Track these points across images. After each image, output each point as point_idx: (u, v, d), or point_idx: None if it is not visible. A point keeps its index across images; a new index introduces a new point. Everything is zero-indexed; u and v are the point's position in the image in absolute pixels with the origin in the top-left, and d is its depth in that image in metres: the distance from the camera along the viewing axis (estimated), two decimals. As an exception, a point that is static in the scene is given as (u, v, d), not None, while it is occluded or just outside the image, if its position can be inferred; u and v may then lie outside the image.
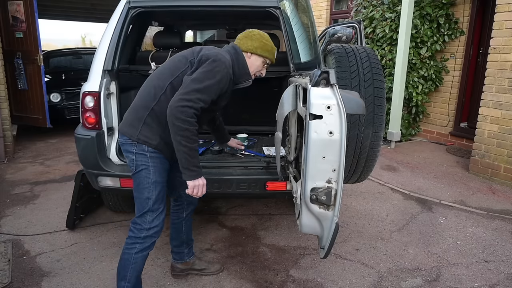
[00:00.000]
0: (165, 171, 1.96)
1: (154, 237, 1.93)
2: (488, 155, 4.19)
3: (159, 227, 1.92)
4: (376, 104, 2.32)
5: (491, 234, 2.99)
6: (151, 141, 1.86)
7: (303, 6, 2.90)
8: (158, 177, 1.90)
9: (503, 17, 3.99)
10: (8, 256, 2.59)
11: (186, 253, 2.37)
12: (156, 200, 1.90)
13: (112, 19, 2.56)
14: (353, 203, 3.58)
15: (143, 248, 1.90)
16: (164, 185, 1.95)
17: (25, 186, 3.93)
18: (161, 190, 1.93)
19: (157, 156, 1.89)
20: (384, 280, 2.40)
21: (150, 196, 1.89)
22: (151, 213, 1.89)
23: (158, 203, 1.91)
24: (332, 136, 1.25)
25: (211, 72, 1.76)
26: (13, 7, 5.32)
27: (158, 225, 1.92)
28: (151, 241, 1.92)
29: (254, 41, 1.95)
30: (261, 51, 1.95)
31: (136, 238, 1.89)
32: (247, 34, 1.99)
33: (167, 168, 1.98)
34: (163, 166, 1.94)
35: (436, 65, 5.46)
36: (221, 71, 1.78)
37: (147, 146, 1.86)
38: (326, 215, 1.35)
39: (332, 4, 7.87)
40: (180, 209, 2.28)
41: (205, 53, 1.84)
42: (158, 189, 1.90)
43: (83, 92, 2.43)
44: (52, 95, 6.06)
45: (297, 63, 2.52)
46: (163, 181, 1.94)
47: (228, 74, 1.82)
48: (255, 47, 1.94)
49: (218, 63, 1.78)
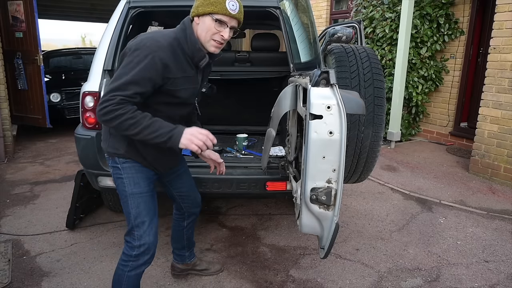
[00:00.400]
0: (145, 180, 1.75)
1: (147, 254, 1.76)
2: (488, 155, 4.19)
3: (149, 243, 1.74)
4: (376, 104, 2.32)
5: (491, 234, 2.99)
6: (118, 151, 1.69)
7: (303, 6, 2.89)
8: (134, 188, 1.71)
9: (503, 17, 3.99)
10: (8, 256, 2.58)
11: (187, 256, 2.35)
12: (137, 214, 1.72)
13: (112, 19, 2.56)
14: (353, 203, 3.58)
15: (137, 266, 1.75)
16: (146, 196, 1.74)
17: (25, 186, 3.93)
18: (142, 202, 1.72)
19: (130, 165, 1.71)
20: (384, 280, 2.40)
21: (130, 210, 1.72)
22: (137, 229, 1.72)
23: (141, 216, 1.72)
24: (332, 136, 1.25)
25: (130, 64, 1.48)
26: (13, 7, 5.32)
27: (148, 242, 1.73)
28: (144, 259, 1.75)
29: (197, 1, 1.60)
30: (203, 8, 1.55)
31: (128, 256, 1.74)
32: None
33: (150, 176, 1.77)
34: (142, 175, 1.73)
35: (436, 65, 5.46)
36: (145, 59, 1.47)
37: (118, 157, 1.71)
38: (326, 215, 1.35)
39: (332, 4, 7.87)
40: (181, 218, 2.19)
41: (130, 44, 1.56)
42: (136, 201, 1.71)
43: (83, 92, 2.43)
44: (52, 95, 6.06)
45: (297, 63, 2.52)
46: (141, 192, 1.73)
47: (158, 59, 1.49)
48: (196, 7, 1.58)
49: (140, 51, 1.49)
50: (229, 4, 1.55)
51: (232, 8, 1.56)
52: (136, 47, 1.50)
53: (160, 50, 1.50)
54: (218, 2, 1.54)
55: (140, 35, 1.58)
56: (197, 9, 1.56)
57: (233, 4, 1.56)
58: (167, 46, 1.52)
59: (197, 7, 1.57)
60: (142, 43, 1.51)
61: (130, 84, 1.45)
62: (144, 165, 1.73)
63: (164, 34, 1.58)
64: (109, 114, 1.43)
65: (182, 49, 1.58)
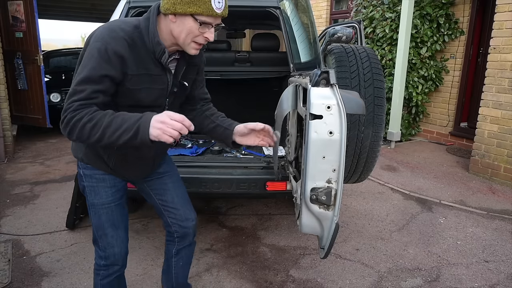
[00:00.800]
0: (108, 189, 1.55)
1: (116, 265, 1.62)
2: (488, 155, 4.19)
3: (115, 254, 1.59)
4: (376, 104, 2.32)
5: (491, 234, 2.99)
6: (77, 154, 1.53)
7: (303, 6, 2.89)
8: (94, 199, 1.56)
9: (503, 17, 3.99)
10: (8, 256, 2.58)
11: None
12: (98, 225, 1.57)
13: (112, 19, 2.56)
14: (353, 203, 3.58)
15: (108, 275, 1.62)
16: (108, 207, 1.56)
17: (25, 186, 3.93)
18: (103, 214, 1.56)
19: (90, 173, 1.53)
20: (384, 280, 2.40)
21: (92, 220, 1.59)
22: (100, 240, 1.59)
23: (102, 228, 1.56)
24: (332, 136, 1.25)
25: (84, 61, 1.28)
26: (13, 7, 5.32)
27: (115, 254, 1.59)
28: (114, 269, 1.62)
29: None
30: (182, 7, 1.27)
31: (98, 265, 1.63)
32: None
33: (115, 184, 1.57)
34: (103, 185, 1.54)
35: (436, 65, 5.46)
36: (97, 52, 1.25)
37: (79, 161, 1.54)
38: (326, 215, 1.35)
39: (332, 4, 7.87)
40: (171, 242, 1.80)
41: (91, 38, 1.32)
42: (97, 212, 1.56)
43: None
44: (52, 95, 6.06)
45: (297, 63, 2.52)
46: (103, 203, 1.55)
47: (112, 51, 1.26)
48: (172, 3, 1.27)
49: (92, 44, 1.28)
50: (214, 2, 1.29)
51: (218, 6, 1.30)
52: (89, 39, 1.31)
53: (113, 40, 1.26)
54: (202, 1, 1.27)
55: (102, 25, 1.36)
56: (174, 6, 1.27)
57: (220, 1, 1.31)
58: (123, 36, 1.28)
59: (174, 4, 1.27)
60: (96, 34, 1.30)
61: (85, 83, 1.24)
62: (108, 172, 1.53)
63: (126, 22, 1.35)
64: (68, 125, 1.24)
65: (143, 41, 1.33)
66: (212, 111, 1.70)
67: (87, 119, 1.22)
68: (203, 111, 1.70)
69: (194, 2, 1.26)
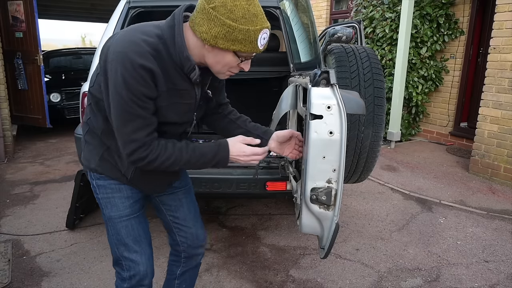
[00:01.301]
0: (126, 200, 1.41)
1: (142, 286, 1.47)
2: (488, 155, 4.19)
3: (141, 273, 1.45)
4: (376, 104, 2.32)
5: (491, 234, 2.99)
6: (90, 164, 1.39)
7: (303, 6, 2.89)
8: (111, 212, 1.41)
9: (503, 17, 3.99)
10: (8, 256, 2.58)
11: None
12: (119, 242, 1.42)
13: (112, 19, 2.56)
14: (353, 203, 3.58)
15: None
16: (127, 220, 1.42)
17: (25, 186, 3.93)
18: (123, 228, 1.41)
19: (105, 183, 1.40)
20: (384, 280, 2.40)
21: (111, 237, 1.44)
22: (123, 258, 1.44)
23: (124, 244, 1.42)
24: (332, 136, 1.25)
25: (117, 95, 1.16)
26: (13, 7, 5.32)
27: (140, 272, 1.44)
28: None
29: (212, 22, 1.11)
30: (225, 44, 1.13)
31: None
32: (202, 8, 1.12)
33: (132, 194, 1.43)
34: (120, 195, 1.41)
35: (436, 65, 5.46)
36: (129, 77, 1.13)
37: (91, 172, 1.41)
38: (326, 215, 1.34)
39: (332, 4, 7.87)
40: (176, 263, 1.70)
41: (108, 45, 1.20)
42: (116, 227, 1.42)
43: (83, 92, 2.43)
44: (52, 95, 6.06)
45: (297, 63, 2.52)
46: (121, 216, 1.41)
47: (142, 68, 1.13)
48: (213, 36, 1.12)
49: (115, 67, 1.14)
50: (260, 40, 1.15)
51: (263, 43, 1.17)
52: (107, 54, 1.17)
53: (139, 56, 1.13)
54: (249, 41, 1.13)
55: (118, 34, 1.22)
56: (215, 40, 1.13)
57: (265, 37, 1.16)
58: (148, 51, 1.15)
59: (215, 38, 1.12)
60: (115, 50, 1.15)
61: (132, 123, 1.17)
62: (123, 182, 1.39)
63: (146, 31, 1.19)
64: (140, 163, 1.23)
65: (169, 53, 1.19)
66: (236, 115, 1.59)
67: (164, 158, 1.22)
68: (225, 115, 1.58)
69: (240, 41, 1.12)
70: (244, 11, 1.10)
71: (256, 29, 1.12)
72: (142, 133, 1.19)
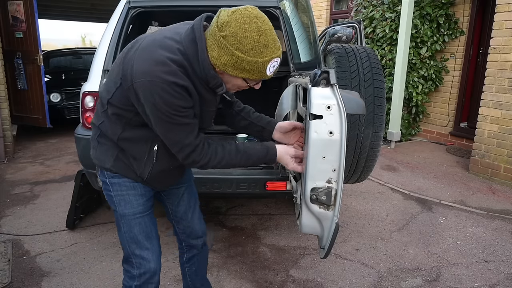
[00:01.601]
0: (139, 197, 1.46)
1: (151, 283, 1.51)
2: (488, 155, 4.19)
3: (151, 271, 1.48)
4: (376, 104, 2.32)
5: (491, 234, 2.99)
6: (104, 164, 1.42)
7: (303, 6, 2.90)
8: (125, 209, 1.44)
9: (503, 17, 3.99)
10: (8, 256, 2.58)
11: None
12: (131, 240, 1.46)
13: (112, 19, 2.56)
14: (353, 203, 3.58)
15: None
16: (141, 217, 1.47)
17: (25, 186, 3.93)
18: (136, 225, 1.46)
19: (119, 181, 1.43)
20: (384, 280, 2.40)
21: (123, 234, 1.47)
22: (134, 256, 1.47)
23: (137, 241, 1.46)
24: (332, 136, 1.25)
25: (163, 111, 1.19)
26: (13, 7, 5.32)
27: (150, 269, 1.48)
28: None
29: (222, 51, 1.14)
30: (234, 71, 1.17)
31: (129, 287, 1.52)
32: (214, 33, 1.15)
33: (145, 192, 1.48)
34: (134, 192, 1.45)
35: (436, 65, 5.46)
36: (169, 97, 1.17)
37: (105, 171, 1.44)
38: (326, 215, 1.34)
39: (332, 4, 7.88)
40: (181, 250, 1.82)
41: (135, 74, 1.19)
42: (129, 224, 1.45)
43: (83, 92, 2.43)
44: (52, 95, 6.07)
45: (297, 63, 2.52)
46: (135, 213, 1.45)
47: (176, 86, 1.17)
48: (223, 63, 1.16)
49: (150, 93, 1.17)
50: (269, 69, 1.17)
51: (272, 71, 1.19)
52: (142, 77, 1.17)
53: (171, 76, 1.16)
54: (257, 71, 1.16)
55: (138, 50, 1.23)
56: (224, 67, 1.17)
57: (275, 65, 1.18)
58: (176, 68, 1.17)
59: (224, 66, 1.16)
60: (146, 70, 1.17)
61: (179, 132, 1.25)
62: (137, 180, 1.44)
63: (167, 47, 1.20)
64: (193, 166, 1.35)
65: (193, 69, 1.21)
66: (240, 106, 1.62)
67: (215, 162, 1.33)
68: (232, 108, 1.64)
69: (248, 70, 1.16)
70: (254, 43, 1.11)
71: (265, 60, 1.14)
72: (191, 137, 1.27)
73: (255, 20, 1.11)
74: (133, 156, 1.38)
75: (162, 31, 1.30)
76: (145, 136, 1.35)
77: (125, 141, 1.37)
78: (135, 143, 1.37)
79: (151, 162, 1.39)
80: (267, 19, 1.16)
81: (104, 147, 1.42)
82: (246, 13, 1.11)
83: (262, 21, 1.13)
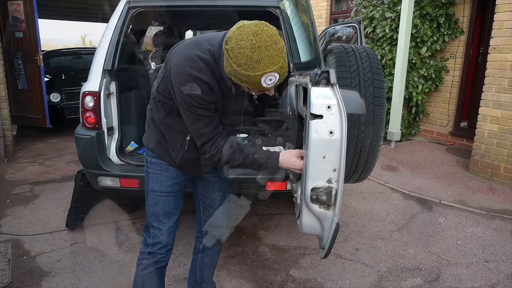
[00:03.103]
0: (169, 179, 1.68)
1: (160, 254, 1.71)
2: (488, 155, 4.19)
3: (163, 243, 1.70)
4: (376, 104, 2.32)
5: (491, 234, 2.99)
6: (148, 145, 1.68)
7: (303, 6, 2.89)
8: (155, 186, 1.67)
9: (503, 17, 3.98)
10: (8, 256, 2.58)
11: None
12: (154, 212, 1.69)
13: (112, 19, 2.56)
14: (353, 203, 3.58)
15: (149, 264, 1.70)
16: (167, 196, 1.69)
17: (25, 186, 3.93)
18: (160, 202, 1.68)
19: (157, 162, 1.66)
20: (384, 280, 2.40)
21: (148, 207, 1.71)
22: (152, 228, 1.70)
23: (157, 215, 1.69)
24: (333, 136, 1.25)
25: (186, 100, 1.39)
26: (13, 7, 5.32)
27: (162, 241, 1.70)
28: (157, 258, 1.71)
29: (226, 61, 1.31)
30: (236, 80, 1.33)
31: (142, 254, 1.74)
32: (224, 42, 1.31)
33: (176, 176, 1.68)
34: (166, 174, 1.67)
35: (436, 65, 5.46)
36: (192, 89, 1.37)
37: (148, 150, 1.69)
38: (327, 215, 1.34)
39: (332, 4, 7.87)
40: (199, 239, 1.97)
41: (171, 66, 1.42)
42: (155, 199, 1.68)
43: (83, 92, 2.43)
44: (52, 95, 6.05)
45: (297, 62, 2.52)
46: (162, 191, 1.68)
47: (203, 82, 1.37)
48: (228, 71, 1.33)
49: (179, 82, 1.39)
50: (266, 81, 1.28)
51: (269, 83, 1.29)
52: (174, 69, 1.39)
53: (197, 72, 1.36)
54: (252, 83, 1.28)
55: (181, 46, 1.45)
56: (229, 75, 1.33)
57: (271, 78, 1.28)
58: (204, 66, 1.37)
59: (229, 73, 1.32)
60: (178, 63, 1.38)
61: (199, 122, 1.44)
62: (171, 164, 1.66)
63: (200, 46, 1.40)
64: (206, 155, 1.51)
65: (219, 69, 1.39)
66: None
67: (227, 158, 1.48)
68: None
69: (245, 82, 1.30)
70: (247, 58, 1.23)
71: (257, 75, 1.26)
72: (208, 129, 1.45)
73: (251, 38, 1.22)
74: (170, 143, 1.60)
75: (204, 35, 1.51)
76: (181, 127, 1.54)
77: (165, 126, 1.58)
78: (172, 132, 1.58)
79: (183, 150, 1.59)
80: (268, 36, 1.25)
81: (150, 131, 1.66)
82: (246, 30, 1.24)
83: (259, 38, 1.23)
